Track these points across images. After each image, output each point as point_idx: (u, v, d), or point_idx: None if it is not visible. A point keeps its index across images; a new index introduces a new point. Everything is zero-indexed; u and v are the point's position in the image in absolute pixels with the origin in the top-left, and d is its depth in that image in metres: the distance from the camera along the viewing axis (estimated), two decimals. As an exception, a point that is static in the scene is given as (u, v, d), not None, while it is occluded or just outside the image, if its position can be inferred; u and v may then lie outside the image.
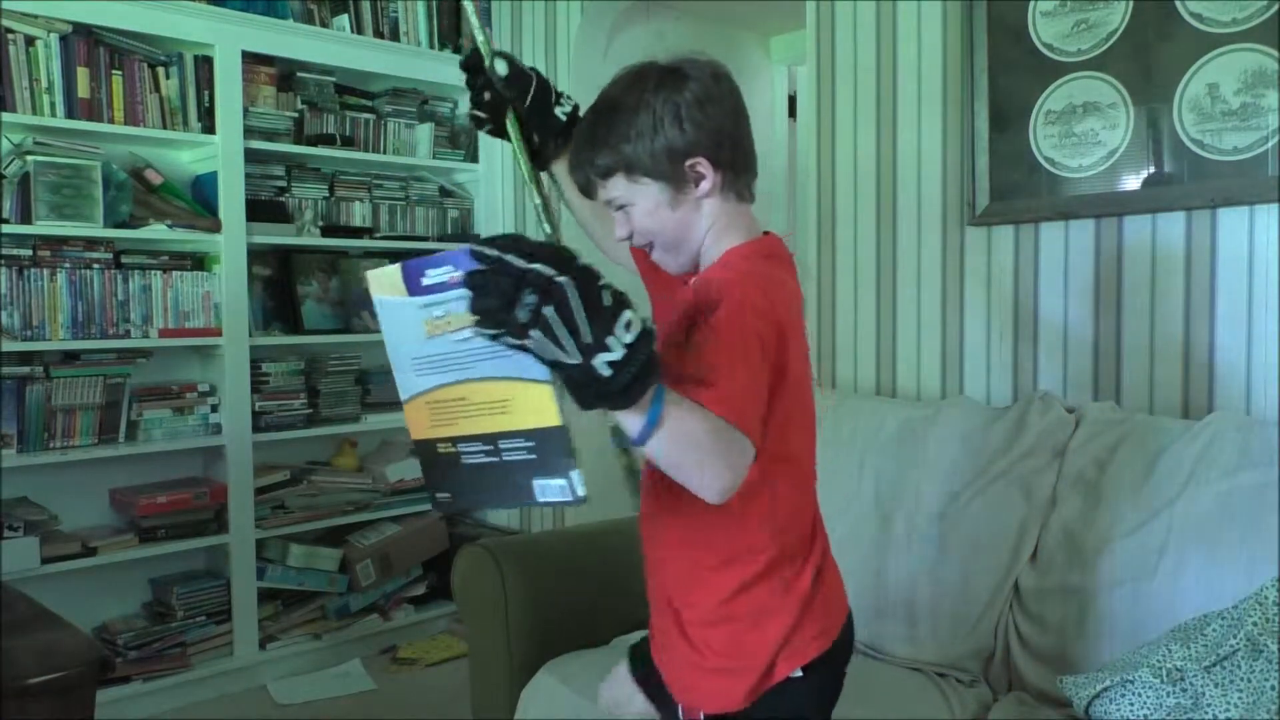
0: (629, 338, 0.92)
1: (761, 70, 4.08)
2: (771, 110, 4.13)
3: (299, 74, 3.25)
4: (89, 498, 2.92)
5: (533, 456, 0.99)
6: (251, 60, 3.07)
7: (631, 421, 0.97)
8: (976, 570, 1.90)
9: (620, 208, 1.23)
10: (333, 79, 3.36)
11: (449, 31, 3.56)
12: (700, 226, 1.24)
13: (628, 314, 0.93)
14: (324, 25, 3.27)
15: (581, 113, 1.33)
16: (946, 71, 2.36)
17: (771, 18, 3.78)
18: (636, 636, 1.45)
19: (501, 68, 1.35)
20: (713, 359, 1.05)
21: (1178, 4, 1.96)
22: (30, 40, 2.69)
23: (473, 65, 1.35)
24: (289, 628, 3.16)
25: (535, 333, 0.88)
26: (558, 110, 1.41)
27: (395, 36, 3.43)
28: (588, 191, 1.27)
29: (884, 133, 2.49)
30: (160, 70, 2.93)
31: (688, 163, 1.20)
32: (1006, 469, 1.95)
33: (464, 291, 0.89)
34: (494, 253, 0.87)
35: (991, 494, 1.94)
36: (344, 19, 3.30)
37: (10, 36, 2.66)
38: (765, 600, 1.20)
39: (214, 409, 3.02)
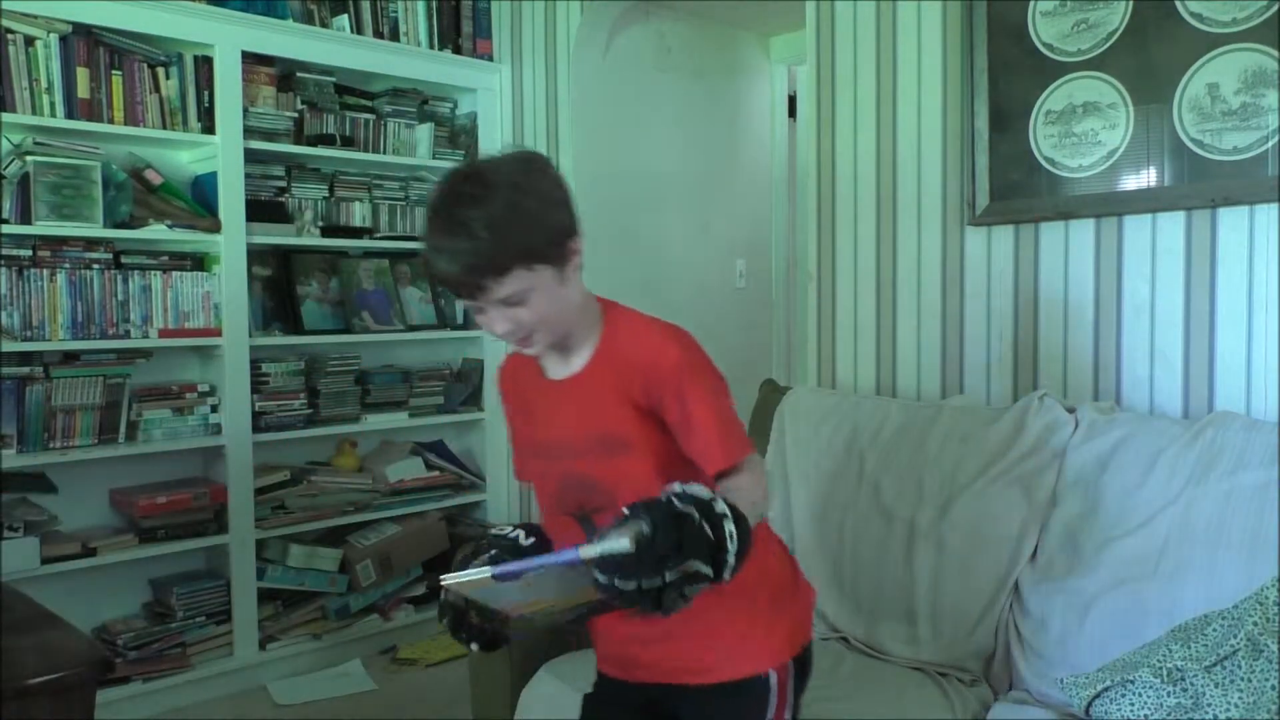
0: (734, 547, 1.08)
1: (761, 70, 4.09)
2: (771, 110, 4.13)
3: (299, 74, 3.25)
4: (89, 498, 2.92)
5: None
6: (251, 60, 3.07)
7: None
8: (977, 570, 1.90)
9: (514, 304, 1.24)
10: (333, 79, 3.35)
11: (449, 31, 3.56)
12: (575, 300, 1.31)
13: (729, 527, 1.09)
14: (324, 25, 3.27)
15: None
16: (946, 71, 2.36)
17: (771, 18, 3.78)
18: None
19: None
20: (706, 420, 1.25)
21: (1178, 4, 1.96)
22: (30, 40, 2.69)
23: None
24: (289, 628, 3.16)
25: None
26: None
27: (395, 36, 3.43)
28: (465, 294, 1.25)
29: (884, 133, 2.49)
30: (160, 70, 2.93)
31: (570, 242, 1.27)
32: (1006, 469, 1.95)
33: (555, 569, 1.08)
34: (638, 587, 1.03)
35: (991, 494, 1.94)
36: (344, 19, 3.30)
37: (10, 36, 2.66)
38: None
39: (214, 409, 3.02)
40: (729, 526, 1.08)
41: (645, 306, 1.39)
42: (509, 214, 1.19)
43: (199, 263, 3.03)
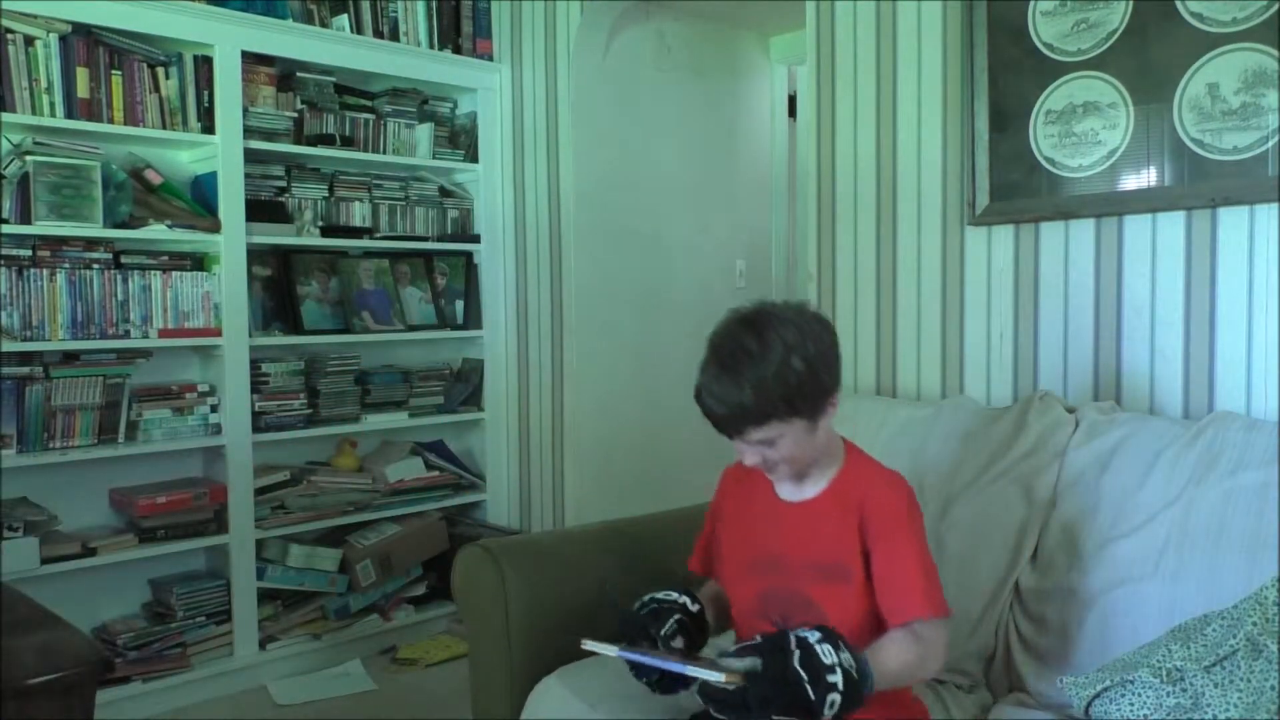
0: (834, 712, 1.25)
1: (761, 70, 4.09)
2: (771, 110, 4.13)
3: (299, 74, 3.25)
4: (89, 498, 2.92)
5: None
6: (251, 60, 3.07)
7: None
8: (977, 570, 1.89)
9: (766, 444, 1.41)
10: (332, 79, 3.36)
11: (449, 31, 3.56)
12: (821, 443, 1.47)
13: (832, 697, 1.25)
14: (324, 25, 3.27)
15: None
16: (946, 71, 2.36)
17: (771, 18, 3.78)
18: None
19: None
20: (905, 572, 1.42)
21: (1178, 4, 1.96)
22: (30, 40, 2.69)
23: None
24: (289, 628, 3.16)
25: None
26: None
27: (395, 36, 3.43)
28: (723, 431, 1.43)
29: (884, 133, 2.49)
30: (160, 70, 2.93)
31: (828, 399, 1.43)
32: (1006, 469, 1.95)
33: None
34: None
35: (991, 494, 1.94)
36: (344, 19, 3.30)
37: (10, 36, 2.66)
38: None
39: (214, 409, 3.02)
40: (832, 697, 1.25)
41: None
42: (777, 377, 1.36)
43: (199, 263, 3.03)
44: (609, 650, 1.38)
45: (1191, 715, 1.44)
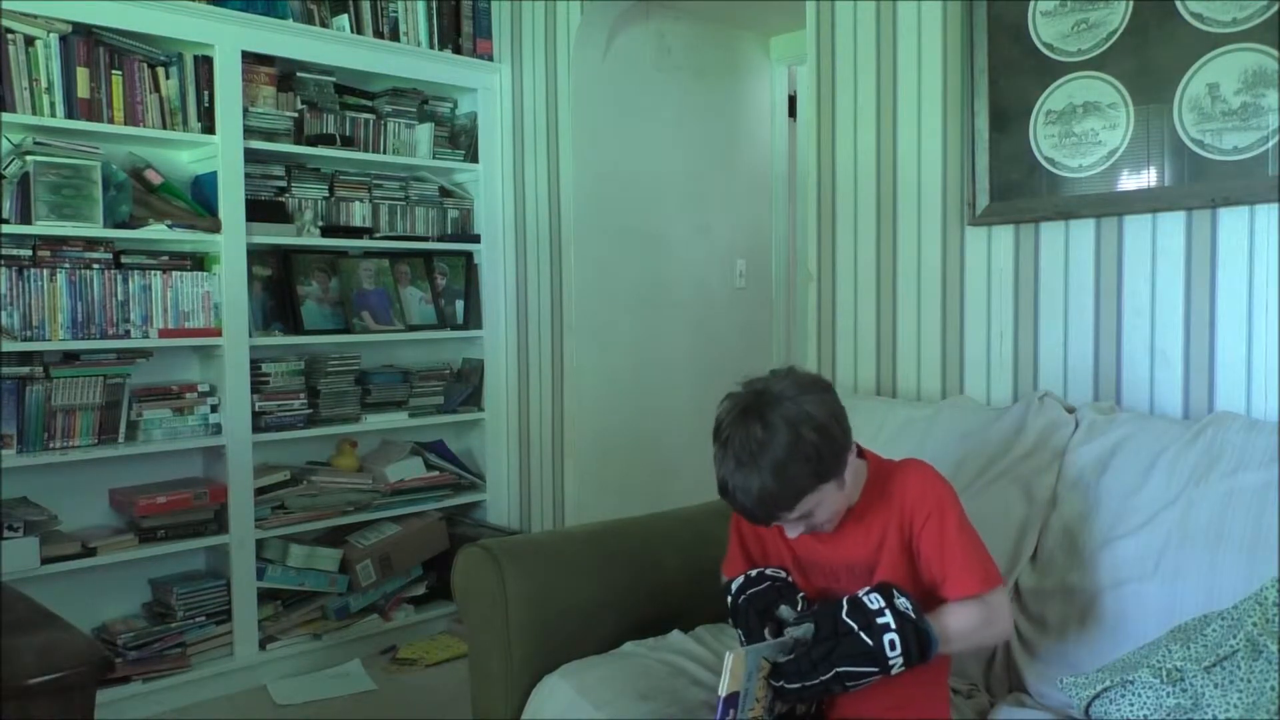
0: (897, 653, 1.34)
1: (761, 70, 4.09)
2: (771, 110, 4.13)
3: (299, 74, 3.25)
4: (89, 498, 2.92)
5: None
6: (251, 60, 3.07)
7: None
8: (976, 570, 1.89)
9: (805, 516, 1.43)
10: (333, 79, 3.35)
11: (449, 31, 3.56)
12: (851, 484, 1.49)
13: (889, 637, 1.34)
14: (324, 25, 3.27)
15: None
16: (946, 71, 2.36)
17: (771, 18, 3.78)
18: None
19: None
20: (954, 549, 1.46)
21: (1178, 4, 1.96)
22: (30, 40, 2.69)
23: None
24: (289, 628, 3.16)
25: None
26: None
27: (395, 36, 3.43)
28: (764, 522, 1.46)
29: (884, 133, 2.49)
30: (160, 70, 2.93)
31: (845, 455, 1.45)
32: (1006, 469, 1.95)
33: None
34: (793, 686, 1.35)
35: (991, 494, 1.94)
36: (344, 19, 3.30)
37: (10, 36, 2.66)
38: None
39: (214, 409, 3.02)
40: (889, 637, 1.33)
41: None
42: (794, 454, 1.36)
43: (199, 263, 3.03)
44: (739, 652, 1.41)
45: (1191, 715, 1.44)
